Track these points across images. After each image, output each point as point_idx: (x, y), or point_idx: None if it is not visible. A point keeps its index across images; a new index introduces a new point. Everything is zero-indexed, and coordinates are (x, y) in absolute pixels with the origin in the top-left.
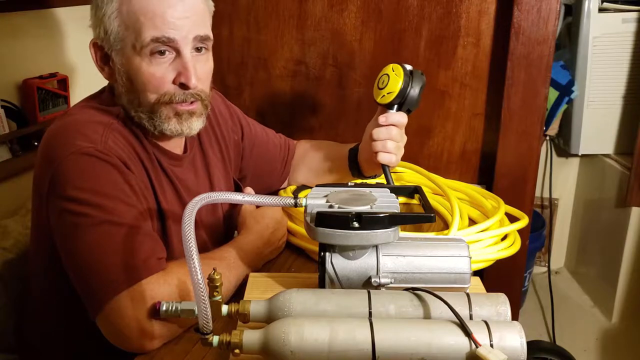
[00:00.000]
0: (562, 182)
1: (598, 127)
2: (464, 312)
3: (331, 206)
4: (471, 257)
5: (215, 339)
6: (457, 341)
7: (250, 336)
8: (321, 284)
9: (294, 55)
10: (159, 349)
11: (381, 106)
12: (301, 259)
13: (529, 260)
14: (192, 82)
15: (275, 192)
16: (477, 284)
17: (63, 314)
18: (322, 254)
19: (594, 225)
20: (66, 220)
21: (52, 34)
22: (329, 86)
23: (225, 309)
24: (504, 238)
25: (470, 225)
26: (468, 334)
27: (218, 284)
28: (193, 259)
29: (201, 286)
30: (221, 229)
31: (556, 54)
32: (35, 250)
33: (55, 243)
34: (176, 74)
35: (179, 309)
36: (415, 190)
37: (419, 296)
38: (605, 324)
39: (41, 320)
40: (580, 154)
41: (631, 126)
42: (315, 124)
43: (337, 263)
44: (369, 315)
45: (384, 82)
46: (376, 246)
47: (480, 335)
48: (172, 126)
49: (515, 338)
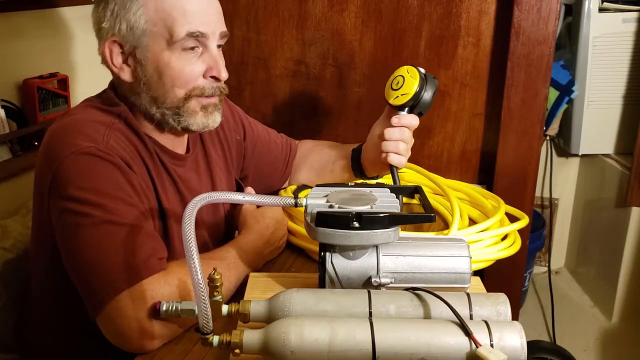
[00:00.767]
0: (562, 182)
1: (598, 127)
2: (464, 312)
3: (331, 206)
4: (471, 257)
5: (216, 339)
6: (458, 341)
7: (251, 336)
8: (321, 284)
9: (294, 55)
10: (159, 349)
11: (392, 107)
12: (301, 259)
13: (529, 260)
14: (223, 74)
15: (276, 192)
16: (477, 283)
17: (63, 314)
18: (322, 253)
19: (594, 225)
20: (67, 220)
21: (52, 33)
22: (329, 86)
23: (225, 308)
24: (504, 238)
25: (470, 225)
26: (468, 333)
27: (218, 284)
28: (193, 259)
29: (201, 286)
30: (222, 228)
31: (556, 54)
32: (36, 250)
33: (56, 243)
34: (206, 67)
35: (179, 308)
36: (416, 190)
37: (419, 296)
38: (605, 324)
39: (41, 320)
40: (580, 154)
41: (631, 126)
42: (315, 124)
43: (337, 263)
44: (369, 315)
45: (398, 83)
46: (376, 246)
47: (481, 335)
48: (198, 120)
49: (515, 338)
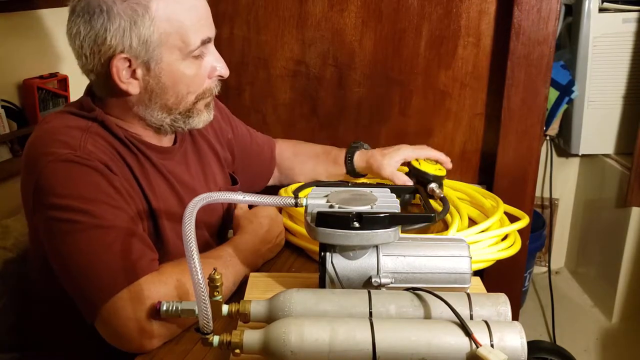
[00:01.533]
0: (562, 182)
1: (598, 127)
2: (464, 312)
3: (332, 206)
4: (471, 257)
5: (216, 339)
6: (458, 341)
7: (251, 336)
8: (321, 284)
9: (294, 55)
10: (159, 349)
11: (422, 175)
12: (301, 259)
13: (529, 260)
14: (227, 72)
15: (275, 192)
16: (477, 284)
17: (63, 314)
18: (323, 253)
19: (594, 225)
20: (54, 229)
21: (52, 34)
22: (329, 86)
23: (225, 308)
24: (505, 238)
25: (470, 225)
26: (468, 334)
27: (218, 284)
28: (193, 259)
29: (202, 286)
30: (220, 226)
31: (556, 54)
32: (34, 251)
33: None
34: (209, 68)
35: (179, 308)
36: (416, 190)
37: (419, 296)
38: (605, 324)
39: (41, 319)
40: (580, 154)
41: (631, 126)
42: (315, 124)
43: (337, 263)
44: (369, 315)
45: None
46: (376, 246)
47: (481, 335)
48: (204, 117)
49: (515, 338)
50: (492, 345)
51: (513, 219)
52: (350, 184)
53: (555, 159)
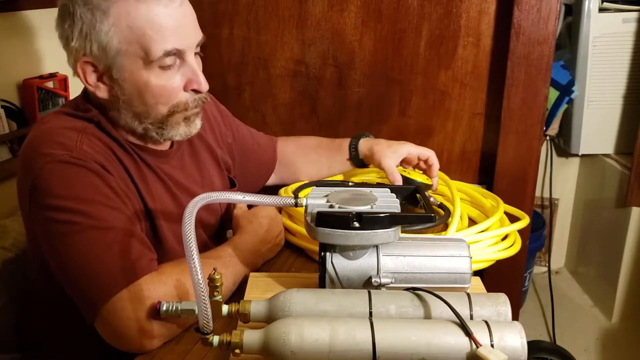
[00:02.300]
0: (562, 182)
1: (598, 127)
2: (464, 312)
3: (331, 206)
4: (471, 257)
5: (216, 339)
6: (458, 341)
7: (251, 336)
8: (321, 284)
9: (294, 55)
10: (159, 349)
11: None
12: (301, 259)
13: (529, 260)
14: (204, 86)
15: (275, 192)
16: (477, 284)
17: (63, 314)
18: (323, 253)
19: (594, 225)
20: (51, 230)
21: (52, 33)
22: (329, 86)
23: (225, 308)
24: (505, 238)
25: (470, 225)
26: (469, 333)
27: (218, 284)
28: (193, 259)
29: (201, 286)
30: (218, 226)
31: (556, 54)
32: (32, 251)
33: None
34: (185, 81)
35: (179, 308)
36: (416, 191)
37: (419, 296)
38: (605, 324)
39: (41, 319)
40: (580, 154)
41: (631, 126)
42: (315, 124)
43: (337, 263)
44: (369, 315)
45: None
46: (376, 246)
47: (481, 335)
48: (181, 131)
49: (515, 338)
50: (492, 345)
51: (513, 219)
52: (351, 184)
53: (555, 159)
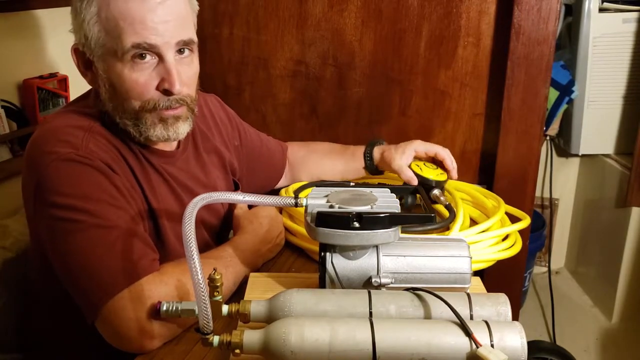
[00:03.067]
0: (562, 182)
1: (598, 127)
2: (464, 312)
3: (332, 206)
4: (472, 257)
5: (216, 339)
6: (458, 341)
7: (251, 336)
8: (321, 284)
9: (294, 55)
10: (159, 349)
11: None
12: (301, 259)
13: (529, 260)
14: (176, 87)
15: (275, 192)
16: (477, 284)
17: (63, 314)
18: (323, 254)
19: (594, 225)
20: (55, 228)
21: (52, 34)
22: (329, 86)
23: (225, 309)
24: (505, 238)
25: (471, 225)
26: (469, 334)
27: (218, 284)
28: (193, 259)
29: (202, 286)
30: (220, 227)
31: (556, 54)
32: (34, 251)
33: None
34: (160, 79)
35: (179, 309)
36: (416, 191)
37: (419, 296)
38: (605, 324)
39: (41, 319)
40: (580, 154)
41: (631, 126)
42: (315, 124)
43: (337, 263)
44: (369, 315)
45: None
46: (376, 246)
47: (481, 335)
48: (157, 132)
49: (515, 338)
50: (492, 345)
51: (513, 219)
52: (351, 184)
53: (555, 159)
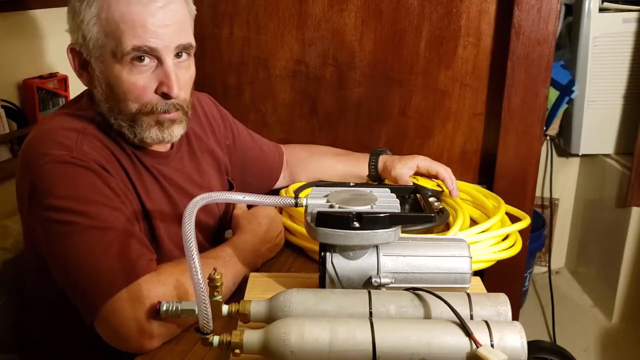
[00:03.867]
0: (562, 182)
1: (598, 127)
2: (464, 312)
3: (332, 206)
4: (472, 257)
5: (216, 339)
6: (458, 341)
7: (251, 336)
8: (321, 284)
9: (294, 55)
10: (159, 349)
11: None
12: (301, 259)
13: (529, 260)
14: (174, 92)
15: (275, 192)
16: (477, 283)
17: (61, 314)
18: (323, 253)
19: (594, 225)
20: (51, 230)
21: (52, 34)
22: (329, 86)
23: (225, 309)
24: (505, 238)
25: (471, 225)
26: (469, 333)
27: (218, 284)
28: (193, 259)
29: (201, 286)
30: (216, 228)
31: (556, 54)
32: (29, 252)
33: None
34: (158, 83)
35: (179, 308)
36: (416, 190)
37: (419, 296)
38: (605, 324)
39: (40, 320)
40: (580, 154)
41: (631, 126)
42: (315, 124)
43: (337, 263)
44: (369, 315)
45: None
46: (377, 246)
47: (481, 335)
48: (152, 134)
49: (515, 338)
50: (492, 345)
51: (514, 219)
52: (351, 184)
53: (555, 159)
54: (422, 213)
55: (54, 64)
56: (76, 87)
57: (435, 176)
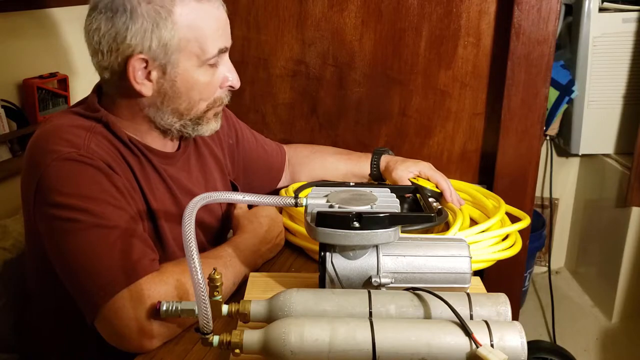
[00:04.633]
0: (562, 182)
1: (598, 127)
2: (464, 312)
3: (332, 206)
4: (472, 257)
5: (216, 339)
6: (458, 341)
7: (251, 336)
8: (321, 284)
9: (294, 55)
10: (159, 349)
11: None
12: (301, 258)
13: (529, 260)
14: (238, 83)
15: (276, 192)
16: (477, 283)
17: (61, 314)
18: (323, 253)
19: (594, 225)
20: (55, 227)
21: (51, 33)
22: (329, 86)
23: (225, 308)
24: (505, 238)
25: (471, 225)
26: (468, 333)
27: (218, 284)
28: (193, 259)
29: (201, 286)
30: (218, 228)
31: (556, 54)
32: (30, 252)
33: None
34: (222, 78)
35: (179, 308)
36: (416, 190)
37: (419, 296)
38: (605, 324)
39: (40, 319)
40: (580, 153)
41: (631, 126)
42: (315, 124)
43: (337, 263)
44: (369, 315)
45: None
46: (376, 246)
47: (481, 335)
48: (212, 126)
49: (515, 338)
50: (492, 345)
51: (514, 219)
52: (351, 183)
53: (555, 159)
54: (421, 213)
55: (54, 64)
56: (76, 87)
57: (435, 185)
